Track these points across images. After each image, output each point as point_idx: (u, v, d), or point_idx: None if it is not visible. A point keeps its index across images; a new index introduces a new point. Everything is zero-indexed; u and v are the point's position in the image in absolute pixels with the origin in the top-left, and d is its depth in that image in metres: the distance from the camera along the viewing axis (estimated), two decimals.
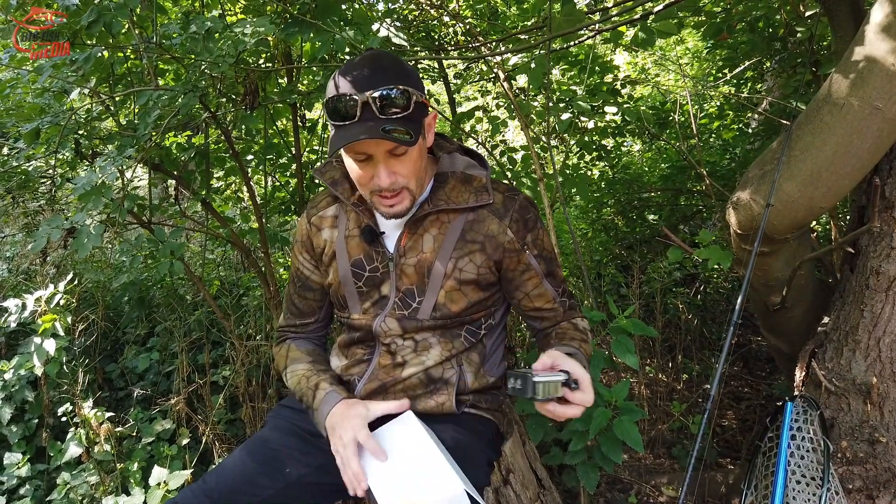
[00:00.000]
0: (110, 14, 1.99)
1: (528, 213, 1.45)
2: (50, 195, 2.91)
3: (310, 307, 1.64)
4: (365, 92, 1.22)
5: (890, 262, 1.82)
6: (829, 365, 1.96)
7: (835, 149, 1.77)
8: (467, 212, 1.44)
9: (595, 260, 4.33)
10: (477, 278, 1.44)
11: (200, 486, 1.47)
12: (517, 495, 1.70)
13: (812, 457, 1.79)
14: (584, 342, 1.47)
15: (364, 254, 1.48)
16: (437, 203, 1.41)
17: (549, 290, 1.51)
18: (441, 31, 3.53)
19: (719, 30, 3.38)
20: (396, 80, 1.24)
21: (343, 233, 1.51)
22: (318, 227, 1.55)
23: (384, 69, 1.26)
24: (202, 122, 2.68)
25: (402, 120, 1.23)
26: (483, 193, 1.43)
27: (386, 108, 1.22)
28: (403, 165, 1.30)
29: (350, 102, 1.22)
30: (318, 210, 1.57)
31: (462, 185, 1.43)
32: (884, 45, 1.69)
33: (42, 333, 2.37)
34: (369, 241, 1.46)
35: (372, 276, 1.48)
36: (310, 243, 1.56)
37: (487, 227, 1.43)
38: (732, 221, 2.03)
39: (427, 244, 1.44)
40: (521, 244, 1.44)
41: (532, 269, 1.47)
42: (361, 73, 1.25)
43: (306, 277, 1.60)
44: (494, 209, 1.43)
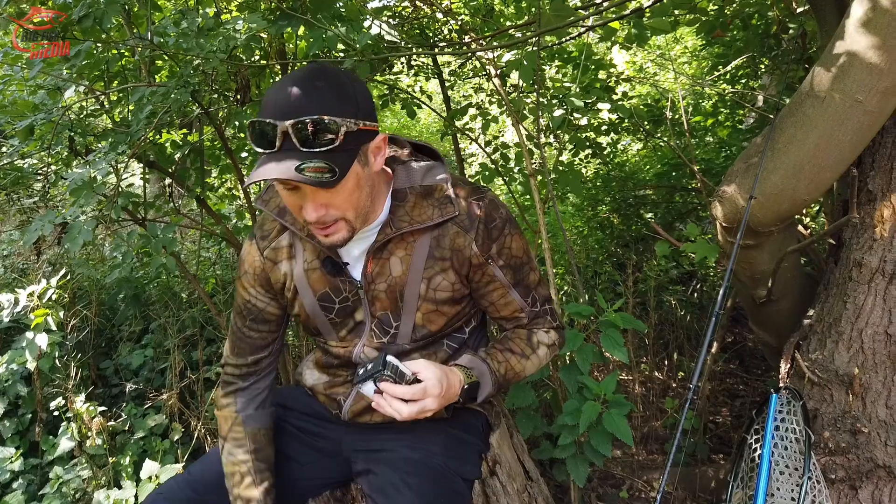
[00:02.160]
0: (101, 9, 2.00)
1: (493, 220, 1.34)
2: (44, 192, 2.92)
3: (264, 339, 1.47)
4: (286, 120, 1.08)
5: (872, 254, 1.83)
6: (813, 356, 1.96)
7: (817, 141, 1.79)
8: (431, 228, 1.33)
9: (591, 258, 4.34)
10: (452, 295, 1.37)
11: (185, 477, 1.48)
12: (504, 486, 1.71)
13: (796, 447, 1.80)
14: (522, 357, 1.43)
15: (330, 286, 1.37)
16: (399, 226, 1.30)
17: (517, 300, 1.43)
18: (434, 28, 3.54)
19: (714, 27, 3.39)
20: (325, 108, 1.09)
21: (302, 266, 1.37)
22: (273, 262, 1.40)
23: (314, 92, 1.11)
24: (196, 118, 2.70)
25: (327, 153, 1.10)
26: (447, 206, 1.31)
27: (308, 141, 1.08)
28: (335, 197, 1.16)
29: (269, 129, 1.09)
30: (270, 241, 1.41)
31: (423, 201, 1.31)
32: (864, 39, 1.70)
33: (34, 328, 2.39)
34: (333, 273, 1.36)
35: (343, 307, 1.39)
36: (265, 278, 1.41)
37: (454, 241, 1.33)
38: (718, 214, 2.04)
39: (395, 267, 1.34)
40: (486, 257, 1.34)
41: (497, 280, 1.38)
42: (288, 95, 1.10)
43: (260, 310, 1.44)
44: (460, 221, 1.32)
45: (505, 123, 5.45)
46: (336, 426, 1.53)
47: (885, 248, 1.81)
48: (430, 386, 1.21)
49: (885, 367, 1.82)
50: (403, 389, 1.19)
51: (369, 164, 1.20)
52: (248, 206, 2.90)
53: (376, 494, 1.33)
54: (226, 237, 2.83)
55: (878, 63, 1.68)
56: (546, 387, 2.59)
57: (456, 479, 1.38)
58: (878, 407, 1.83)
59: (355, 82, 1.17)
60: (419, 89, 4.01)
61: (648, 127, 3.97)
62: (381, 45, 2.60)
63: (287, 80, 1.14)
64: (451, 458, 1.40)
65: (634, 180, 4.33)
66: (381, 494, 1.31)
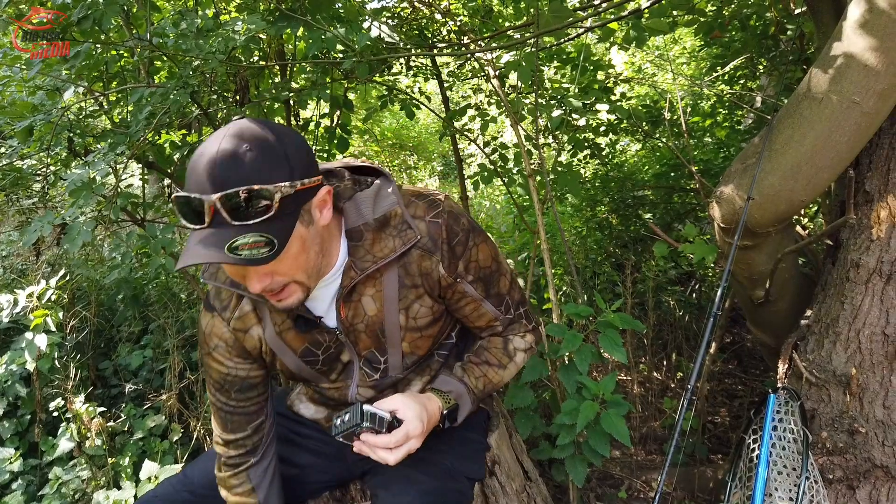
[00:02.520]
0: (100, 10, 2.01)
1: (456, 235, 1.27)
2: (43, 193, 2.93)
3: (256, 405, 1.38)
4: (212, 194, 0.98)
5: (869, 254, 1.83)
6: (811, 357, 1.97)
7: (814, 142, 1.79)
8: (396, 259, 1.25)
9: (590, 258, 4.34)
10: (433, 317, 1.34)
11: (181, 479, 1.47)
12: (502, 487, 1.71)
13: (793, 447, 1.80)
14: (500, 368, 1.42)
15: (309, 342, 1.31)
16: (363, 266, 1.22)
17: (490, 311, 1.38)
18: (433, 29, 3.55)
19: (712, 28, 3.40)
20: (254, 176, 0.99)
21: (272, 329, 1.30)
22: (243, 331, 1.31)
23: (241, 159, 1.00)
24: (195, 119, 2.70)
25: (263, 224, 1.00)
26: (406, 231, 1.23)
27: (240, 213, 0.99)
28: (279, 266, 1.08)
29: (196, 204, 0.99)
30: (233, 310, 1.30)
31: (381, 233, 1.23)
32: (861, 40, 1.70)
33: (34, 329, 2.39)
34: (308, 330, 1.29)
35: (327, 356, 1.34)
36: (240, 348, 1.32)
37: (420, 266, 1.26)
38: (716, 215, 2.05)
39: (369, 307, 1.28)
40: (455, 276, 1.29)
41: (469, 296, 1.33)
42: (213, 165, 0.99)
43: (244, 378, 1.35)
44: (422, 244, 1.25)
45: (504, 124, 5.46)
46: None
47: (882, 249, 1.82)
48: (411, 428, 1.19)
49: (882, 367, 1.82)
50: (386, 439, 1.17)
51: (314, 222, 1.11)
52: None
53: (381, 490, 1.33)
54: None
55: (875, 64, 1.69)
56: (545, 387, 2.59)
57: (461, 479, 1.38)
58: (875, 407, 1.83)
59: (285, 137, 1.06)
60: (418, 90, 4.02)
61: (647, 128, 3.97)
62: (380, 46, 2.61)
63: (209, 145, 1.02)
64: (457, 457, 1.41)
65: (633, 181, 4.34)
66: (385, 491, 1.32)
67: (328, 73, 2.82)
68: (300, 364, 1.34)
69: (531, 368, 2.13)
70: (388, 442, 1.17)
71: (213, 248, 0.98)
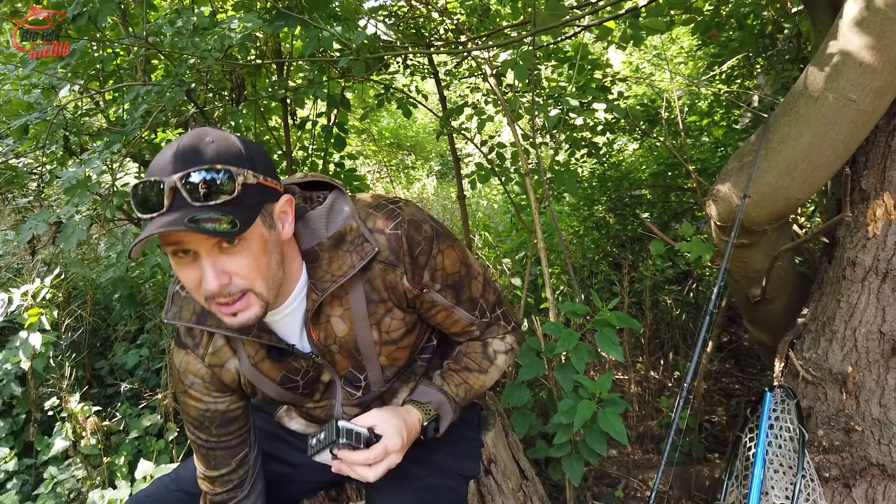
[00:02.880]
0: (96, 7, 2.00)
1: (417, 245, 1.21)
2: (38, 191, 2.92)
3: (239, 437, 1.34)
4: (172, 175, 0.97)
5: (865, 252, 1.83)
6: (807, 355, 1.97)
7: (811, 140, 1.79)
8: (359, 274, 1.21)
9: (587, 257, 4.34)
10: (406, 328, 1.30)
11: (173, 478, 1.46)
12: (499, 485, 1.71)
13: (790, 446, 1.80)
14: (481, 373, 1.38)
15: (286, 369, 1.28)
16: (324, 287, 1.18)
17: (463, 316, 1.33)
18: (430, 27, 3.54)
19: (709, 27, 3.40)
20: (217, 158, 0.99)
21: (248, 362, 1.26)
22: (220, 365, 1.27)
23: (204, 147, 1.00)
24: (191, 117, 2.70)
25: (225, 206, 0.98)
26: (363, 244, 1.18)
27: (201, 194, 0.97)
28: (237, 262, 1.03)
29: (155, 189, 0.97)
30: (206, 346, 1.27)
31: (337, 251, 1.19)
32: (857, 38, 1.70)
33: (28, 328, 2.38)
34: (282, 359, 1.26)
35: (307, 379, 1.31)
36: (219, 382, 1.28)
37: (385, 280, 1.22)
38: (712, 213, 2.04)
39: (339, 327, 1.24)
40: (420, 287, 1.24)
41: (438, 304, 1.29)
42: (174, 153, 0.99)
43: (224, 412, 1.31)
44: (383, 257, 1.20)
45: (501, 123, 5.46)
46: None
47: (879, 247, 1.82)
48: (390, 444, 1.16)
49: (878, 365, 1.83)
50: (364, 455, 1.14)
51: (276, 230, 1.09)
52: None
53: (374, 490, 1.32)
54: None
55: (872, 62, 1.69)
56: (541, 386, 2.59)
57: (455, 477, 1.38)
58: (871, 405, 1.83)
59: (249, 143, 1.06)
60: (415, 89, 4.01)
61: (644, 127, 3.97)
62: (377, 45, 2.60)
63: (171, 143, 1.02)
64: (451, 455, 1.41)
65: (630, 180, 4.34)
66: (378, 490, 1.31)
67: (325, 71, 2.82)
68: (281, 391, 1.30)
69: (527, 367, 2.13)
70: (367, 458, 1.14)
71: (173, 224, 0.94)
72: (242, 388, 1.30)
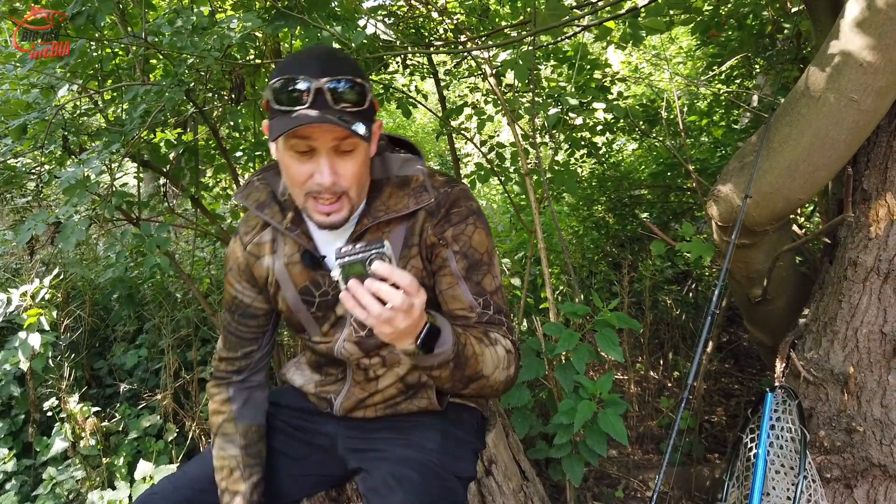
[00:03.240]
0: (94, 6, 1.99)
1: (457, 206, 1.32)
2: (37, 191, 2.91)
3: (253, 334, 1.48)
4: (320, 78, 1.11)
5: (867, 252, 1.83)
6: (808, 355, 1.97)
7: (812, 140, 1.79)
8: (407, 217, 1.32)
9: (587, 258, 4.34)
10: (423, 281, 1.33)
11: (181, 476, 1.47)
12: (499, 486, 1.71)
13: (791, 447, 1.80)
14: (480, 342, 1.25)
15: (310, 280, 1.36)
16: (375, 215, 1.29)
17: (465, 296, 1.32)
18: (430, 27, 3.54)
19: (708, 27, 3.40)
20: (354, 74, 1.15)
21: (283, 260, 1.37)
22: (256, 256, 1.40)
23: (342, 62, 1.16)
24: (190, 117, 2.69)
25: (356, 115, 1.13)
26: (422, 194, 1.30)
27: (340, 100, 1.12)
28: (348, 166, 1.18)
29: (301, 87, 1.11)
30: (253, 235, 1.41)
31: (399, 191, 1.31)
32: (858, 38, 1.70)
33: (27, 328, 2.38)
34: (312, 267, 1.35)
35: (324, 301, 1.38)
36: (249, 273, 1.42)
37: (423, 227, 1.32)
38: (713, 214, 2.04)
39: None
40: (440, 238, 1.31)
41: (448, 266, 1.32)
42: (316, 61, 1.14)
43: (247, 305, 1.45)
44: (430, 209, 1.31)
45: (500, 123, 5.46)
46: (330, 423, 1.52)
47: (880, 248, 1.82)
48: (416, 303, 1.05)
49: (879, 366, 1.82)
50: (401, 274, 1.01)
51: (371, 144, 1.23)
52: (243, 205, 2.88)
53: (370, 494, 1.32)
54: (220, 237, 2.82)
55: (873, 62, 1.69)
56: (541, 386, 2.59)
57: (450, 478, 1.37)
58: (873, 406, 1.83)
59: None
60: (414, 89, 4.00)
61: (644, 127, 3.97)
62: (377, 45, 2.60)
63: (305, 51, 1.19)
64: (445, 455, 1.40)
65: (630, 180, 4.34)
66: (374, 494, 1.31)
67: None
68: (298, 302, 1.38)
69: (528, 368, 2.13)
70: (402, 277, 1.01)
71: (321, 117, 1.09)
72: (268, 287, 1.41)
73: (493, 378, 1.27)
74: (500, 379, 1.29)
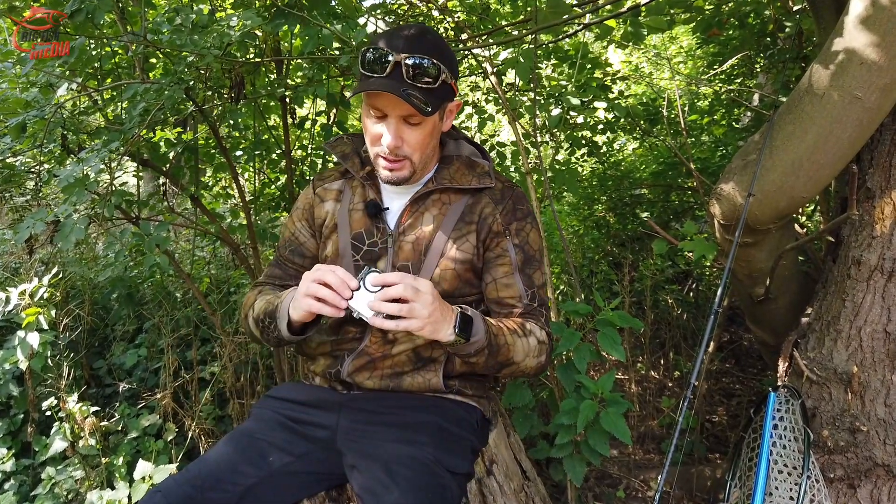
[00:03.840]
0: (93, 3, 1.98)
1: (521, 204, 1.50)
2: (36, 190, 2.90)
3: (296, 271, 1.61)
4: (401, 53, 1.28)
5: (871, 251, 1.82)
6: (811, 354, 1.96)
7: (815, 138, 1.78)
8: (468, 195, 1.49)
9: (587, 257, 4.33)
10: (471, 258, 1.47)
11: (184, 475, 1.46)
12: (500, 486, 1.70)
13: (794, 446, 1.79)
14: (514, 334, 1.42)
15: (365, 228, 1.51)
16: (440, 182, 1.47)
17: (518, 285, 1.49)
18: (430, 25, 3.53)
19: (710, 25, 3.39)
20: (433, 54, 1.30)
21: (347, 206, 1.54)
22: (321, 199, 1.58)
23: (426, 41, 1.31)
24: (189, 116, 2.68)
25: (426, 91, 1.29)
26: (485, 178, 1.48)
27: (414, 75, 1.28)
28: (413, 134, 1.35)
29: (383, 57, 1.28)
30: (325, 182, 1.60)
31: (466, 169, 1.49)
32: (863, 36, 1.69)
33: (26, 327, 2.36)
34: (372, 214, 1.49)
35: (370, 251, 1.50)
36: (311, 212, 1.59)
37: (483, 209, 1.48)
38: (716, 212, 2.03)
39: (427, 223, 1.47)
40: (505, 229, 1.47)
41: (507, 255, 1.48)
42: (404, 37, 1.30)
43: (300, 244, 1.61)
44: (493, 194, 1.49)
45: (501, 122, 5.45)
46: (331, 414, 1.52)
47: (885, 246, 1.81)
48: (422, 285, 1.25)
49: (883, 365, 1.82)
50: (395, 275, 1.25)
51: (443, 120, 1.42)
52: (243, 205, 2.87)
53: (365, 493, 1.32)
54: (220, 236, 2.81)
55: (878, 60, 1.68)
56: (543, 386, 2.58)
57: (443, 473, 1.36)
58: (876, 405, 1.82)
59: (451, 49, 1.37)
60: None
61: (645, 126, 3.96)
62: None
63: (401, 27, 1.37)
64: (439, 450, 1.40)
65: (630, 179, 4.33)
66: (369, 493, 1.30)
67: (325, 69, 2.80)
68: (347, 247, 1.51)
69: None
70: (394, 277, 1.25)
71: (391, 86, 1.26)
72: (324, 229, 1.56)
73: (523, 364, 1.45)
74: (530, 365, 1.46)
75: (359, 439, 1.46)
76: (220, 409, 2.93)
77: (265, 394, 1.67)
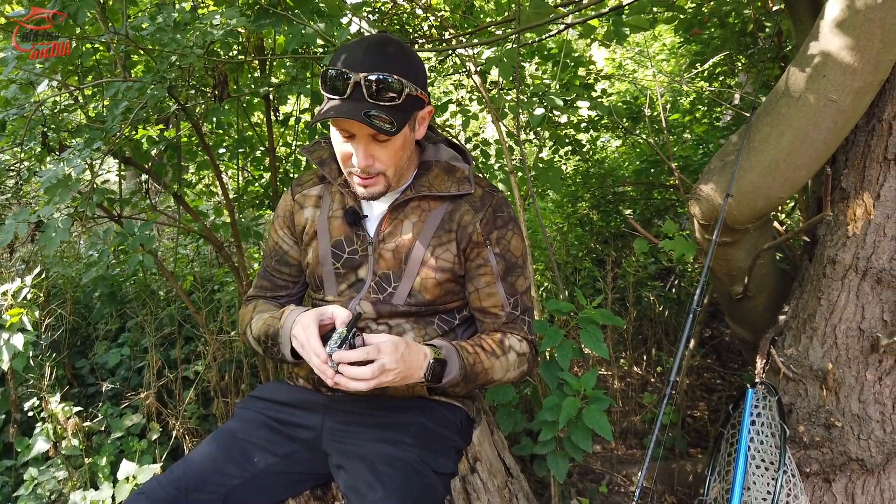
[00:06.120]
0: (75, 4, 1.96)
1: (501, 211, 1.47)
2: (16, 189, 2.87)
3: (284, 281, 1.63)
4: (360, 72, 1.25)
5: (846, 251, 1.86)
6: (788, 352, 1.99)
7: (792, 140, 1.81)
8: (447, 202, 1.46)
9: (571, 254, 4.36)
10: (452, 267, 1.46)
11: (167, 476, 1.45)
12: (484, 483, 1.71)
13: (771, 442, 1.82)
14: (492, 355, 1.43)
15: (345, 235, 1.49)
16: (419, 189, 1.44)
17: (500, 294, 1.49)
18: (414, 24, 3.53)
19: (691, 25, 3.43)
20: (394, 69, 1.26)
21: (326, 213, 1.52)
22: (301, 205, 1.56)
23: (387, 55, 1.28)
24: (172, 114, 2.66)
25: (389, 108, 1.26)
26: (465, 184, 1.45)
27: (376, 93, 1.25)
28: (383, 151, 1.33)
29: (343, 79, 1.25)
30: (304, 188, 1.58)
31: (445, 175, 1.46)
32: (838, 39, 1.72)
33: (9, 328, 2.34)
34: (351, 222, 1.48)
35: (350, 258, 1.49)
36: (291, 220, 1.58)
37: (462, 217, 1.45)
38: (695, 212, 2.06)
39: (406, 230, 1.46)
40: (485, 238, 1.45)
41: (488, 265, 1.47)
42: (363, 54, 1.27)
43: (284, 252, 1.60)
44: (472, 201, 1.46)
45: (485, 120, 5.46)
46: (315, 415, 1.53)
47: (858, 246, 1.84)
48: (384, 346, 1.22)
49: (857, 362, 1.85)
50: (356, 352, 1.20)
51: (414, 131, 1.39)
52: (226, 203, 2.86)
53: (350, 493, 1.33)
54: (203, 234, 2.80)
55: (852, 63, 1.71)
56: (526, 383, 2.60)
57: (429, 473, 1.38)
58: (851, 401, 1.86)
59: (416, 55, 1.35)
60: None
61: (627, 124, 3.99)
62: None
63: (360, 41, 1.31)
64: (424, 451, 1.41)
65: (613, 177, 4.36)
66: (354, 493, 1.31)
67: (308, 67, 2.79)
68: (328, 254, 1.51)
69: None
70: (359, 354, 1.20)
71: (352, 111, 1.23)
72: (304, 236, 1.56)
73: (504, 379, 1.48)
74: (512, 377, 1.49)
75: (344, 440, 1.47)
76: (205, 408, 2.92)
77: (249, 394, 1.67)
